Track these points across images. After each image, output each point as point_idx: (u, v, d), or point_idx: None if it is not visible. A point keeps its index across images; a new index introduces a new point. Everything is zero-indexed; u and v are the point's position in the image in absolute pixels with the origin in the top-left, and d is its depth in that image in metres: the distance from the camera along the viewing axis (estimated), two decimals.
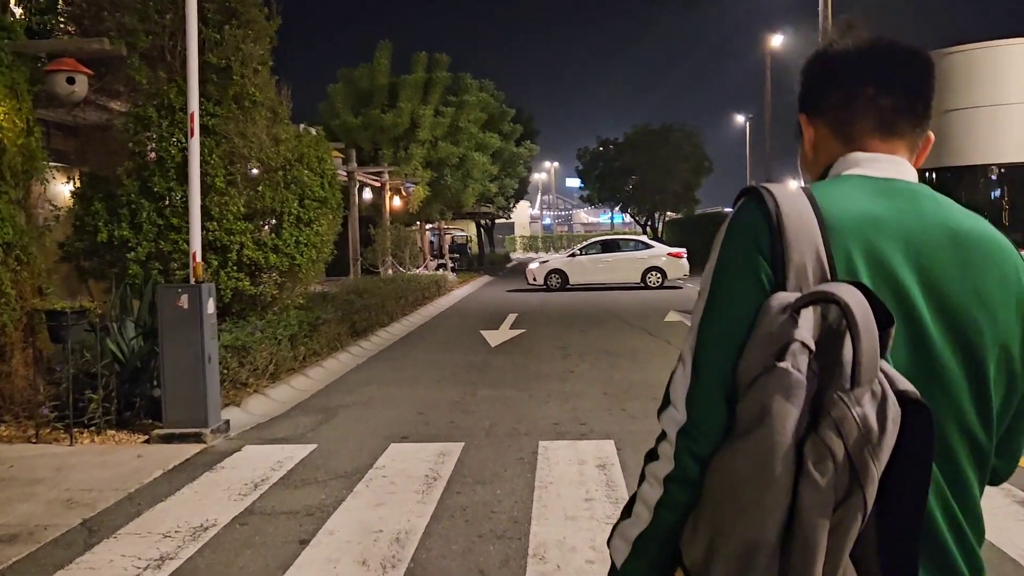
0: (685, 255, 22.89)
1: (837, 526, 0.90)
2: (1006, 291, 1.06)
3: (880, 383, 0.91)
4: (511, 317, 15.62)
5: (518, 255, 62.79)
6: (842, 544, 0.91)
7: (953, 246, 1.05)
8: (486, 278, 30.33)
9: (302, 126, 9.47)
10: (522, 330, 13.46)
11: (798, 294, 0.97)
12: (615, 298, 19.80)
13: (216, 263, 7.95)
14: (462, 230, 47.84)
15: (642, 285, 22.59)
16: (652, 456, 1.07)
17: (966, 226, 1.08)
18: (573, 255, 23.01)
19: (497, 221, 46.74)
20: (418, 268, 23.75)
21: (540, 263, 23.10)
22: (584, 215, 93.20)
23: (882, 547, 0.94)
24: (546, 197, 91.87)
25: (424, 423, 6.86)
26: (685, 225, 36.97)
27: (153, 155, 7.83)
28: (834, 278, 0.99)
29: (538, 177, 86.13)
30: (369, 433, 6.54)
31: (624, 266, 22.77)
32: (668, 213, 46.32)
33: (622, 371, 9.20)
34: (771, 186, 1.05)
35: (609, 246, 23.48)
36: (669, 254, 22.97)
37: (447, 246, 33.39)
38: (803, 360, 0.92)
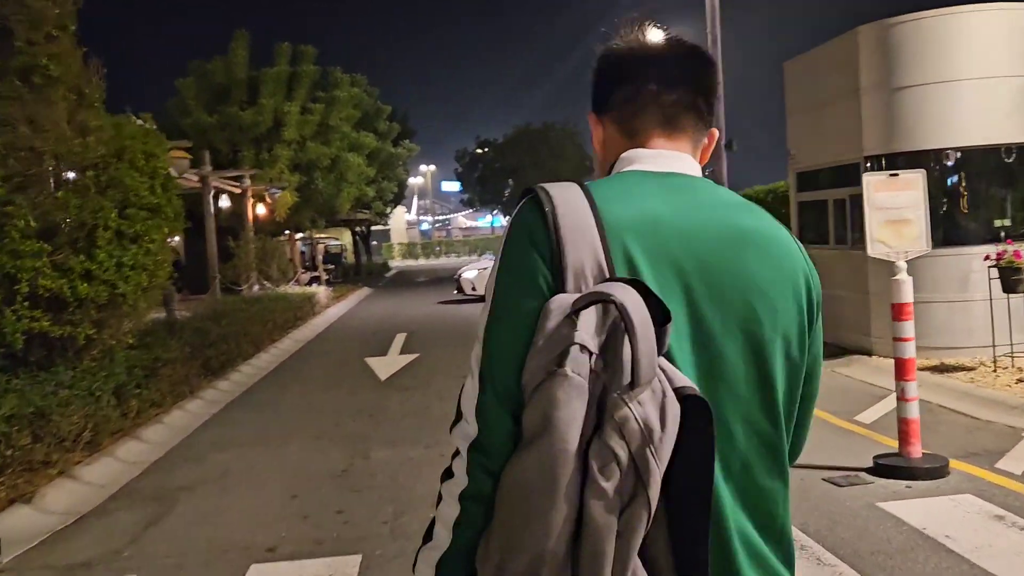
0: None
1: (623, 530, 0.88)
2: (783, 283, 1.07)
3: (660, 381, 0.90)
4: (400, 338, 13.67)
5: (397, 263, 60.35)
6: (629, 548, 0.88)
7: (730, 240, 1.05)
8: (365, 290, 28.06)
9: (131, 115, 7.26)
10: (415, 355, 11.57)
11: (577, 295, 0.95)
12: (466, 311, 18.17)
13: None
14: (336, 239, 45.18)
15: None
16: (448, 474, 1.04)
17: (743, 221, 1.08)
18: None
19: (373, 228, 44.42)
20: (289, 283, 21.39)
21: (479, 270, 20.83)
22: (463, 219, 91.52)
23: (673, 547, 0.93)
24: (423, 202, 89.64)
25: (300, 517, 4.90)
26: None
27: None
28: (613, 277, 0.97)
29: (414, 181, 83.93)
30: (220, 544, 4.53)
31: None
32: None
33: None
34: (549, 185, 1.04)
35: None
36: None
37: (320, 257, 30.93)
38: (583, 363, 0.89)
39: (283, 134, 21.26)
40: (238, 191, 19.65)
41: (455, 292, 21.21)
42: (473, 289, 20.56)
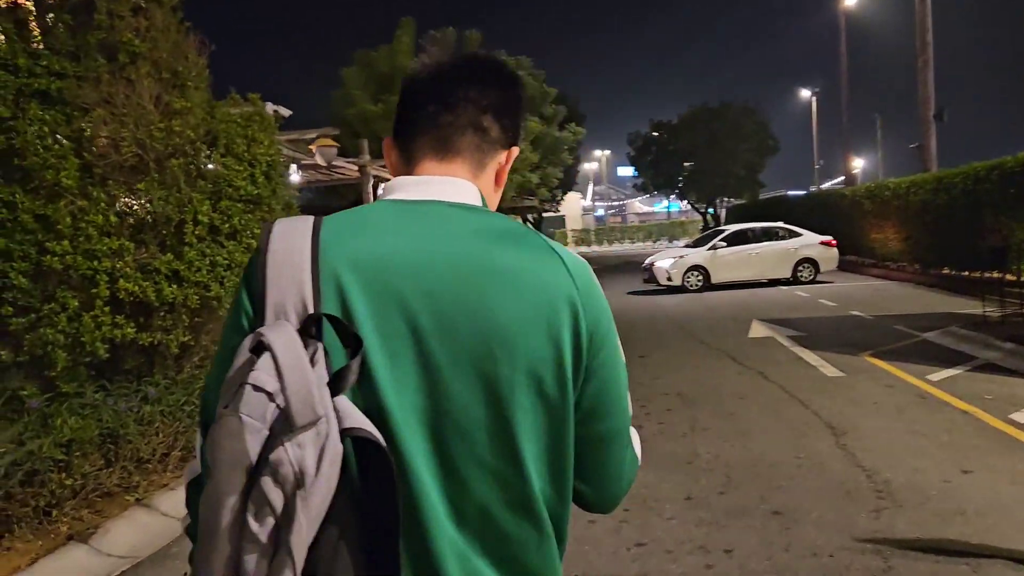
0: (836, 244, 19.57)
1: None
2: (532, 319, 0.99)
3: (328, 421, 0.86)
4: None
5: (569, 250, 59.60)
6: None
7: (469, 274, 0.99)
8: None
9: (235, 96, 6.57)
10: None
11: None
12: (664, 302, 16.61)
13: (75, 303, 5.10)
14: None
15: (791, 280, 19.23)
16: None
17: (491, 253, 1.01)
18: (713, 248, 19.36)
19: (545, 215, 43.72)
20: None
21: (675, 259, 19.47)
22: (639, 205, 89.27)
23: None
24: (598, 188, 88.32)
25: None
26: (750, 212, 33.40)
27: None
28: (318, 314, 0.93)
29: (589, 167, 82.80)
30: None
31: (774, 258, 19.23)
32: (729, 199, 42.69)
33: (708, 437, 6.11)
34: (281, 220, 1.02)
35: (750, 236, 19.86)
36: (821, 242, 19.50)
37: None
38: (257, 403, 0.85)
39: None
40: None
41: (645, 281, 19.89)
42: (669, 280, 19.10)
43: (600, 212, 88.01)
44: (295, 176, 12.52)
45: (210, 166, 5.80)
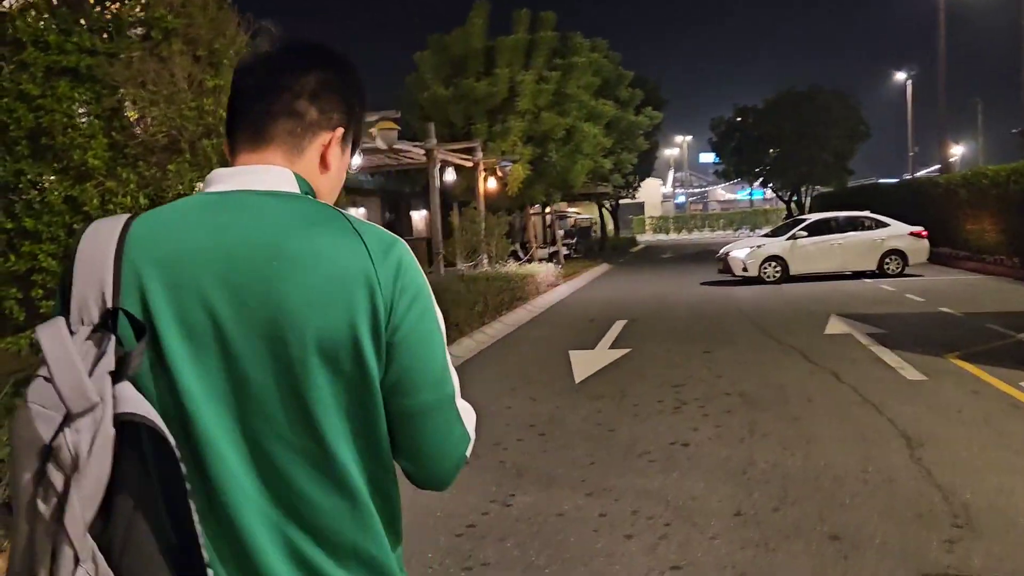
0: (927, 235, 18.49)
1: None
2: (326, 300, 1.04)
3: (104, 407, 0.93)
4: (616, 327, 12.14)
5: (646, 237, 58.49)
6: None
7: (264, 261, 1.05)
8: (603, 267, 26.79)
9: None
10: (626, 349, 10.00)
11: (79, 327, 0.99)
12: (737, 294, 15.89)
13: None
14: (586, 214, 44.29)
15: (877, 272, 18.31)
16: None
17: (289, 238, 1.06)
18: (793, 237, 18.53)
19: (623, 201, 42.93)
20: (520, 260, 20.61)
21: (752, 248, 18.65)
22: (721, 192, 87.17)
23: (173, 557, 0.98)
24: (679, 174, 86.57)
25: None
26: (837, 200, 31.96)
27: None
28: (115, 307, 1.01)
29: (669, 153, 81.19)
30: None
31: (858, 249, 18.27)
32: (816, 187, 41.05)
33: (768, 444, 5.63)
34: (97, 221, 1.08)
35: (833, 226, 18.93)
36: (911, 233, 18.42)
37: (560, 232, 30.05)
38: (45, 393, 0.93)
39: (517, 105, 20.38)
40: (469, 164, 19.10)
41: (720, 271, 19.16)
42: (744, 270, 18.35)
43: (681, 199, 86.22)
44: (356, 159, 12.37)
45: None
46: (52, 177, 4.78)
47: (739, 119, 41.60)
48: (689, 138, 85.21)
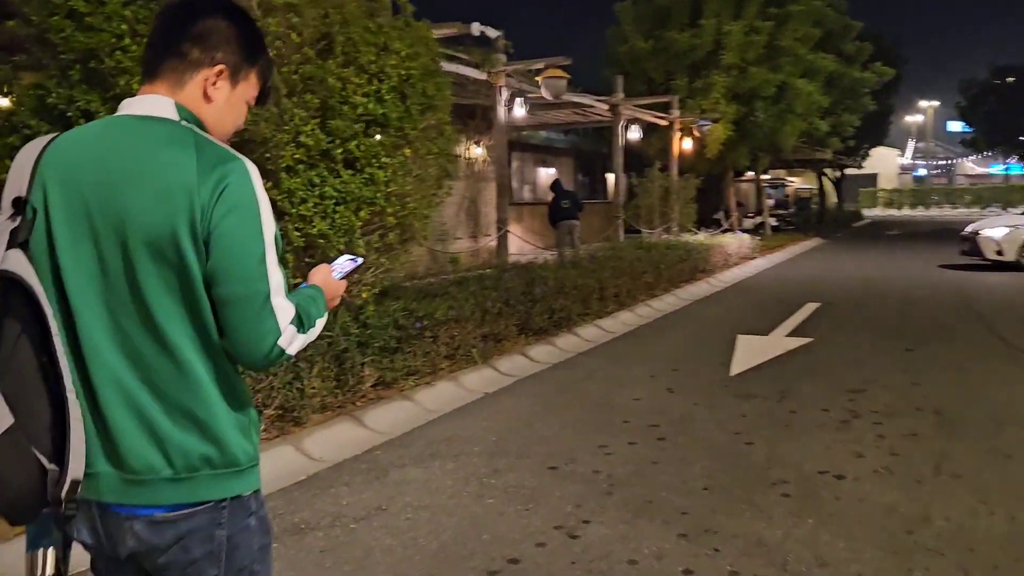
0: None
1: None
2: (155, 202, 1.34)
3: None
4: (807, 310, 10.48)
5: (875, 212, 53.11)
6: None
7: (119, 170, 1.37)
8: (814, 242, 24.25)
9: None
10: (807, 339, 8.45)
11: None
12: (979, 282, 13.32)
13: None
14: (808, 184, 40.77)
15: None
16: None
17: (138, 152, 1.38)
18: None
19: (849, 172, 39.03)
20: (715, 230, 18.97)
21: (1011, 228, 15.45)
22: (970, 165, 77.62)
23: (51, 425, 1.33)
24: (920, 144, 78.05)
25: None
26: None
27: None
28: (26, 201, 1.37)
29: (910, 120, 73.33)
30: None
31: None
32: None
33: (956, 492, 4.12)
34: (36, 139, 1.46)
35: None
36: None
37: (770, 201, 27.59)
38: None
39: (722, 58, 18.55)
40: (664, 123, 17.67)
41: (962, 253, 16.14)
42: (999, 254, 15.26)
43: (921, 172, 77.78)
44: (519, 110, 11.51)
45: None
46: (102, 107, 4.29)
47: (996, 81, 36.22)
48: (935, 104, 76.43)
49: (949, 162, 78.20)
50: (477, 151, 15.56)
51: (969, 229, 16.33)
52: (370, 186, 5.08)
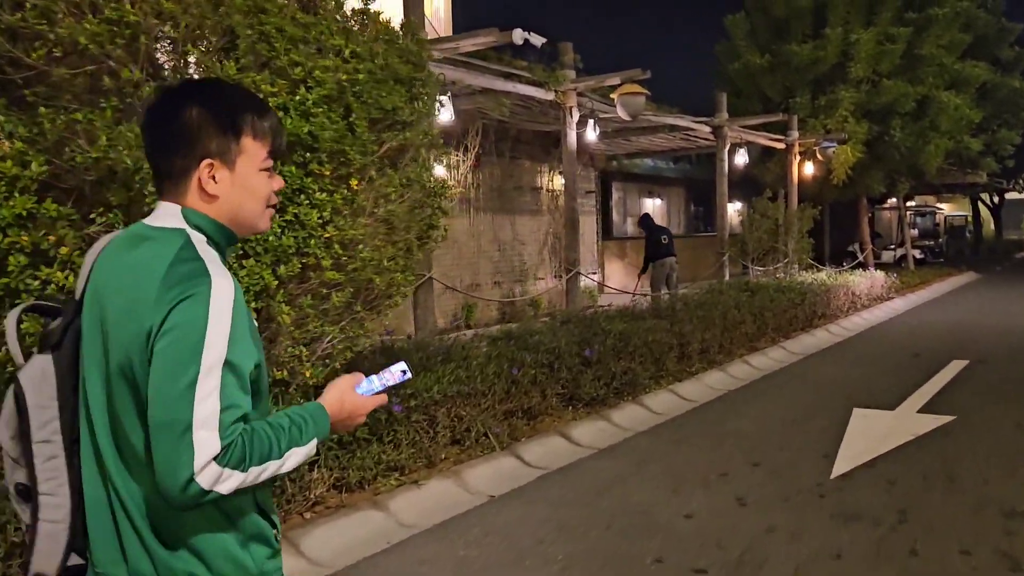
0: None
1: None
2: (128, 319, 1.35)
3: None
4: (952, 370, 8.36)
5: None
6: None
7: (111, 281, 1.41)
8: (968, 277, 21.19)
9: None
10: (948, 417, 6.45)
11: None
12: None
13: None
14: (960, 211, 36.82)
15: None
16: None
17: (124, 262, 1.41)
18: None
19: (1009, 196, 34.90)
20: (854, 263, 16.71)
21: None
22: None
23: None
24: None
25: None
26: None
27: None
28: (81, 301, 1.47)
29: None
30: None
31: None
32: None
33: None
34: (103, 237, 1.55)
35: None
36: None
37: (913, 231, 24.63)
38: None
39: (849, 71, 16.34)
40: (780, 146, 15.67)
41: None
42: None
43: None
44: (591, 134, 10.00)
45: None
46: None
47: None
48: None
49: None
50: (560, 182, 14.14)
51: None
52: (296, 231, 3.74)
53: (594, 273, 14.50)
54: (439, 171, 10.96)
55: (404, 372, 1.56)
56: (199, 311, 1.30)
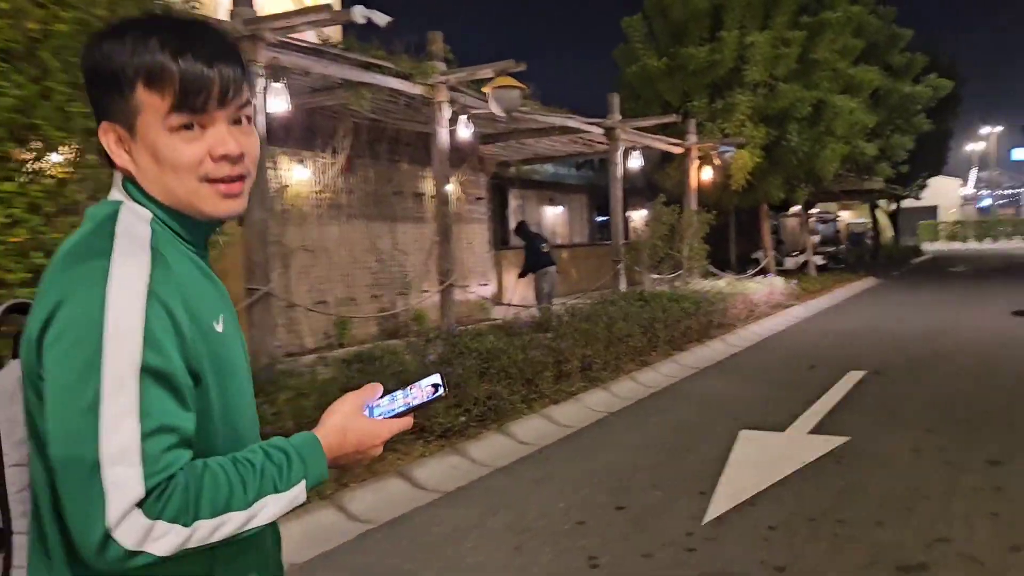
0: None
1: None
2: (30, 319, 1.04)
3: None
4: (847, 383, 7.81)
5: (936, 246, 49.28)
6: None
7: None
8: (868, 282, 21.26)
9: None
10: (840, 439, 5.80)
11: None
12: None
13: None
14: (862, 218, 37.56)
15: None
16: None
17: (59, 257, 1.07)
18: None
19: (907, 204, 35.75)
20: (751, 274, 16.37)
21: None
22: None
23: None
24: (983, 174, 73.50)
25: None
26: None
27: None
28: None
29: (971, 148, 69.19)
30: None
31: None
32: None
33: None
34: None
35: None
36: None
37: (815, 237, 24.72)
38: None
39: (745, 75, 16.01)
40: (678, 150, 15.18)
41: None
42: None
43: (986, 202, 73.23)
44: (464, 130, 9.15)
45: None
46: None
47: None
48: (998, 130, 71.94)
49: (1017, 191, 73.40)
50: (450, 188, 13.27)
51: None
52: None
53: (485, 284, 13.63)
54: (302, 174, 9.97)
55: (436, 387, 1.22)
56: (93, 303, 0.97)
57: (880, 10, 19.04)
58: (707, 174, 15.53)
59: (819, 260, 23.70)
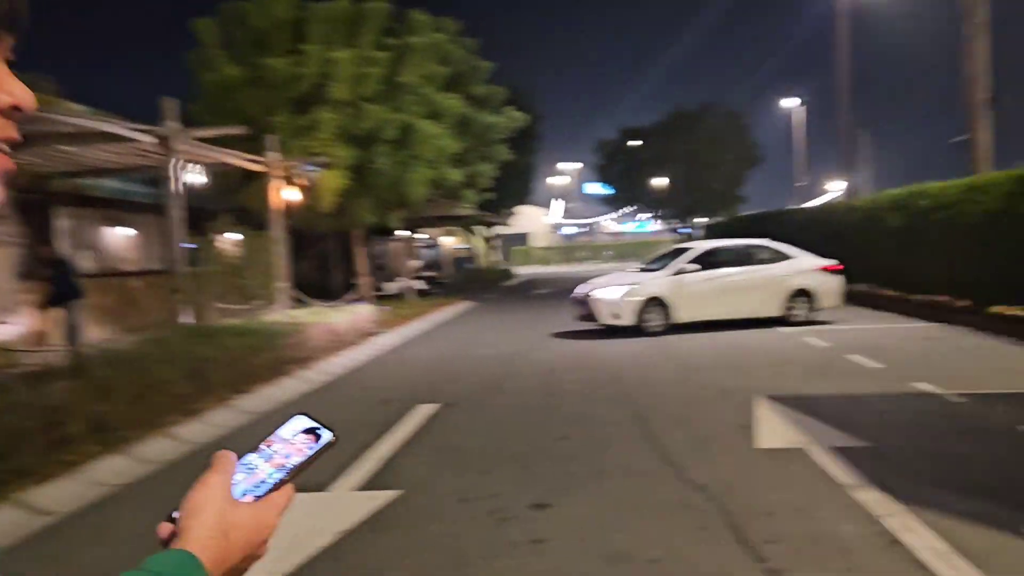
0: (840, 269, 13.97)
1: None
2: None
3: None
4: (414, 420, 7.21)
5: (526, 270, 54.02)
6: None
7: None
8: (463, 306, 21.87)
9: None
10: (392, 492, 5.04)
11: None
12: (607, 354, 11.25)
13: None
14: (471, 244, 39.46)
15: (783, 319, 13.50)
16: None
17: None
18: (679, 272, 13.38)
19: (502, 231, 38.41)
20: (353, 300, 15.58)
21: (628, 287, 13.34)
22: (612, 224, 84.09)
23: None
24: (570, 205, 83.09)
25: None
26: (732, 230, 28.34)
27: None
28: None
29: (555, 182, 77.85)
30: None
31: (761, 289, 13.46)
32: (707, 216, 37.71)
33: None
34: None
35: (729, 257, 13.88)
36: (821, 268, 13.83)
37: (417, 262, 25.05)
38: None
39: (331, 92, 15.33)
40: (257, 168, 13.88)
41: (580, 318, 13.86)
42: (616, 317, 12.99)
43: (571, 230, 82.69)
44: None
45: None
46: None
47: (628, 143, 37.95)
48: (579, 166, 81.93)
49: (591, 221, 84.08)
50: None
51: (580, 290, 13.93)
52: None
53: (3, 323, 11.02)
54: None
55: (313, 432, 0.89)
56: None
57: (464, 41, 19.77)
58: (294, 195, 14.47)
59: (421, 285, 24.00)
